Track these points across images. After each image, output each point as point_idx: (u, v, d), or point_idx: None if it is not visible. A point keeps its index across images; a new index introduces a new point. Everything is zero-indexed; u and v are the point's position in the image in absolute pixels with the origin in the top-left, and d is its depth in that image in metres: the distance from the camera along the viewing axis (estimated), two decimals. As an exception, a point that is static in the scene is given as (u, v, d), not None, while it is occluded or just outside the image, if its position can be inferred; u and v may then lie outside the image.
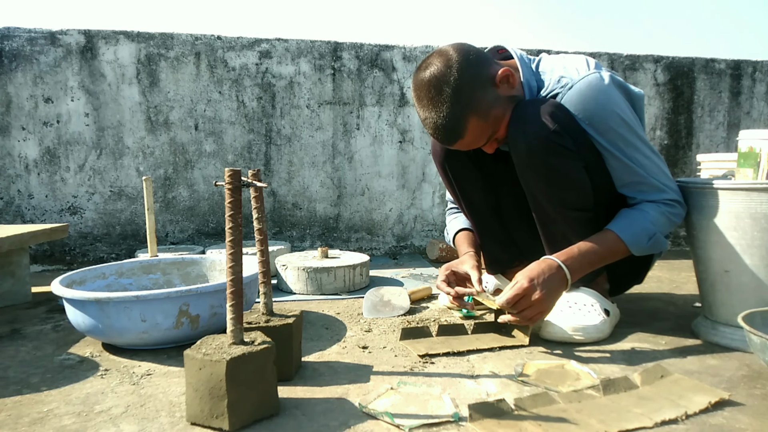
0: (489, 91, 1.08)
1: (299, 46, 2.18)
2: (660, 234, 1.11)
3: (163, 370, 1.02)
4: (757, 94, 2.58)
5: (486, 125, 1.10)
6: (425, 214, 2.34)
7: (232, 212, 0.80)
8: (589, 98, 1.08)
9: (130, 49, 2.05)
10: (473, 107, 1.07)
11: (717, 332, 1.14)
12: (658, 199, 1.11)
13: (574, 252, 1.09)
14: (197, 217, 2.17)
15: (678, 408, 0.82)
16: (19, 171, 2.02)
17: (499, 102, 1.10)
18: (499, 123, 1.11)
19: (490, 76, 1.09)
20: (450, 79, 1.05)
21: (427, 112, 1.09)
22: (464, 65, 1.06)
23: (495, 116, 1.10)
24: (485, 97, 1.08)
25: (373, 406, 0.84)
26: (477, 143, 1.13)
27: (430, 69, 1.07)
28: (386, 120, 2.27)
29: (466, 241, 1.38)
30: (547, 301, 1.04)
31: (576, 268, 1.08)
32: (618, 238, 1.09)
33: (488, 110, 1.08)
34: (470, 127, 1.08)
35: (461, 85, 1.05)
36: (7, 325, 1.33)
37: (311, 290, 1.60)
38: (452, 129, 1.08)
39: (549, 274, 1.05)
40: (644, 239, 1.10)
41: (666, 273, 1.90)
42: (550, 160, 1.09)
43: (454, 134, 1.09)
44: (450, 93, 1.05)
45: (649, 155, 1.11)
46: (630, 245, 1.10)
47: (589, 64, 1.12)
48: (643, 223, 1.10)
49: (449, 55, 1.07)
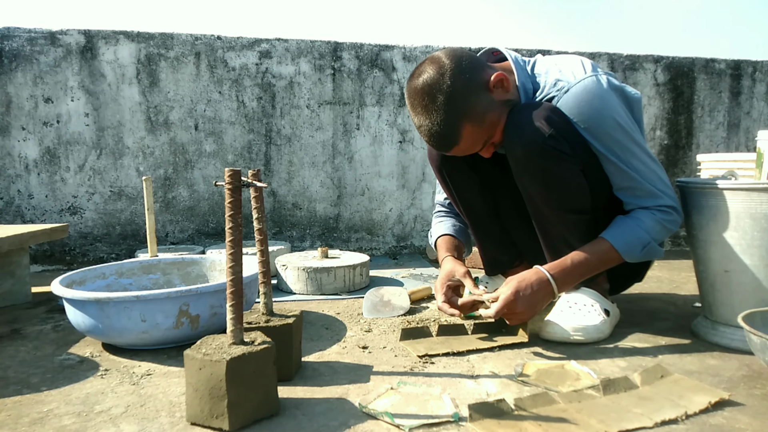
0: (483, 96, 1.08)
1: (299, 46, 2.18)
2: (654, 243, 1.11)
3: (163, 370, 1.02)
4: (757, 94, 2.58)
5: (481, 131, 1.09)
6: (425, 214, 2.34)
7: (232, 212, 0.81)
8: (586, 103, 1.07)
9: (130, 49, 2.05)
10: (467, 114, 1.06)
11: (717, 332, 1.14)
12: (652, 206, 1.11)
13: (566, 264, 1.11)
14: (197, 217, 2.17)
15: (678, 408, 0.82)
16: (19, 171, 2.02)
17: (493, 107, 1.09)
18: (494, 128, 1.11)
19: (483, 81, 1.08)
20: (443, 87, 1.05)
21: (421, 120, 1.09)
22: (457, 72, 1.06)
23: (490, 121, 1.09)
24: (479, 103, 1.07)
25: (373, 406, 0.84)
26: (473, 149, 1.13)
27: (423, 76, 1.07)
28: (386, 120, 2.27)
29: (445, 245, 1.35)
30: (529, 312, 1.10)
31: (566, 282, 1.12)
32: (612, 247, 1.10)
33: (483, 116, 1.08)
34: (465, 133, 1.08)
35: (454, 91, 1.05)
36: (7, 325, 1.33)
37: (311, 290, 1.60)
38: (447, 136, 1.08)
39: (537, 288, 1.09)
40: (638, 249, 1.10)
41: (666, 273, 1.90)
42: (546, 165, 1.08)
43: (449, 141, 1.09)
44: (443, 100, 1.05)
45: (645, 160, 1.10)
46: (624, 254, 1.10)
47: (585, 66, 1.11)
48: (638, 233, 1.10)
49: (442, 62, 1.06)
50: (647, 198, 1.11)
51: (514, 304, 1.07)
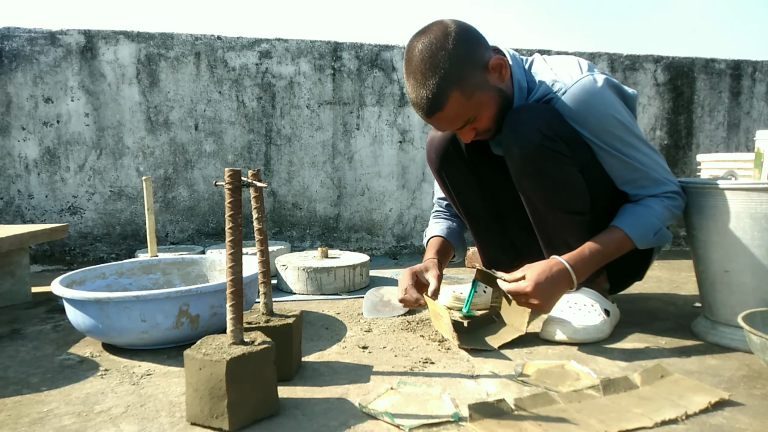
0: (479, 73, 1.08)
1: (299, 46, 2.18)
2: (665, 228, 1.13)
3: (163, 370, 1.02)
4: (757, 94, 2.58)
5: (467, 105, 1.08)
6: (425, 214, 2.34)
7: (232, 212, 0.81)
8: (584, 102, 1.08)
9: (130, 49, 2.05)
10: (459, 82, 1.05)
11: (717, 332, 1.14)
12: (659, 193, 1.13)
13: (584, 254, 1.10)
14: (197, 217, 2.17)
15: (678, 408, 0.82)
16: (19, 171, 2.02)
17: (485, 88, 1.09)
18: (480, 109, 1.10)
19: (483, 59, 1.08)
20: (444, 49, 1.04)
21: (415, 77, 1.07)
22: (461, 40, 1.05)
23: (478, 100, 1.08)
24: (474, 77, 1.07)
25: (373, 406, 0.84)
26: (455, 122, 1.11)
27: (428, 35, 1.06)
28: (386, 120, 2.27)
29: (433, 247, 1.35)
30: (546, 306, 1.08)
31: (583, 271, 1.10)
32: (626, 235, 1.11)
33: (473, 90, 1.07)
34: (452, 101, 1.06)
35: (453, 57, 1.04)
36: (7, 325, 1.33)
37: (311, 290, 1.60)
38: (433, 99, 1.06)
39: (558, 282, 1.07)
40: (651, 234, 1.12)
41: (666, 273, 1.90)
42: (545, 166, 1.09)
43: (434, 104, 1.07)
44: (440, 61, 1.04)
45: (646, 152, 1.12)
46: (637, 241, 1.11)
47: (582, 66, 1.11)
48: (650, 219, 1.11)
49: (449, 28, 1.06)
50: (654, 186, 1.13)
51: (531, 295, 1.06)
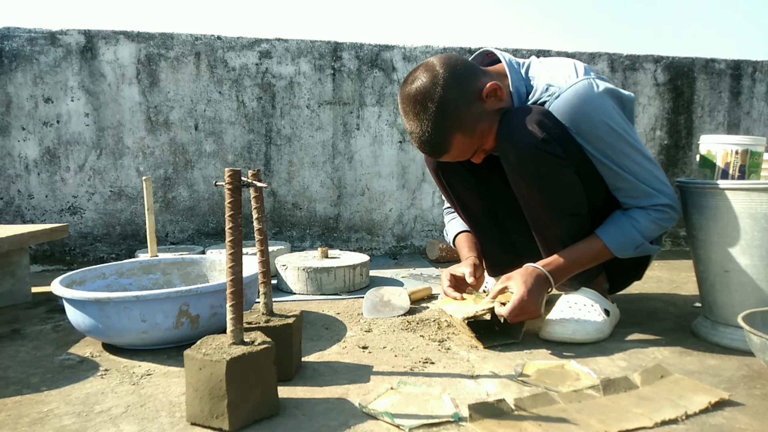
0: (475, 106, 1.08)
1: (299, 46, 2.18)
2: (647, 243, 1.12)
3: (163, 370, 1.02)
4: (757, 94, 2.58)
5: (472, 141, 1.10)
6: (425, 214, 2.34)
7: (232, 212, 0.81)
8: (576, 108, 1.06)
9: (130, 49, 2.05)
10: (458, 124, 1.07)
11: (717, 332, 1.14)
12: (647, 205, 1.11)
13: (560, 262, 1.13)
14: (197, 217, 2.17)
15: (678, 408, 0.82)
16: (19, 171, 2.02)
17: (485, 117, 1.09)
18: (485, 137, 1.11)
19: (476, 90, 1.08)
20: (435, 96, 1.05)
21: (412, 126, 1.09)
22: (450, 81, 1.05)
23: (481, 131, 1.10)
24: (471, 114, 1.08)
25: (373, 406, 0.84)
26: (463, 156, 1.13)
27: (416, 83, 1.06)
28: (386, 120, 2.27)
29: (466, 244, 1.38)
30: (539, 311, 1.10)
31: (560, 277, 1.13)
32: (605, 246, 1.12)
33: (474, 126, 1.08)
34: (455, 143, 1.09)
35: (446, 102, 1.05)
36: (7, 325, 1.33)
37: (311, 290, 1.60)
38: (437, 144, 1.09)
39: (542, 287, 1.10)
40: (631, 248, 1.12)
41: (666, 273, 1.90)
42: (540, 169, 1.08)
43: (439, 149, 1.10)
44: (435, 110, 1.05)
45: (640, 161, 1.10)
46: (616, 253, 1.13)
47: (578, 70, 1.10)
48: (632, 233, 1.11)
49: (435, 70, 1.06)
50: (643, 198, 1.11)
51: (527, 305, 1.07)
